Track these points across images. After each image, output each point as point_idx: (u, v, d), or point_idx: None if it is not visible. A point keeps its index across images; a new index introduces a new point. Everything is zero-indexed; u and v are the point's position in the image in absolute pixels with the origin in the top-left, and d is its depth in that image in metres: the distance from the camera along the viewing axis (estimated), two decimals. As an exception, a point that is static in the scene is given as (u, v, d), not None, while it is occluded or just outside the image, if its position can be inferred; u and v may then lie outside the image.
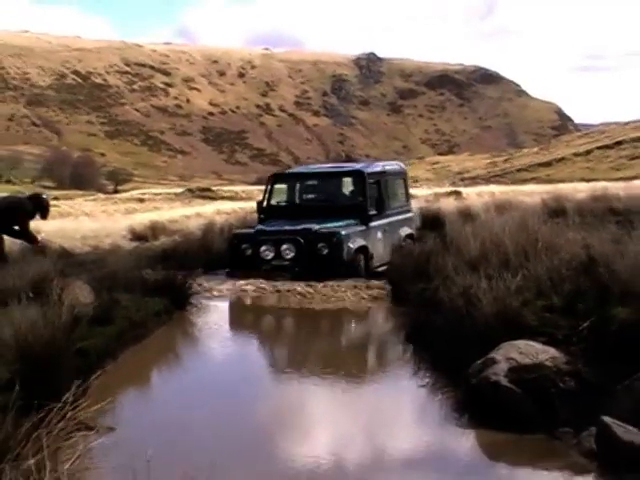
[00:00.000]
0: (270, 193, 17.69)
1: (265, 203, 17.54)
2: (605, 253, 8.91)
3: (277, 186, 18.20)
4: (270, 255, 15.38)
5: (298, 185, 18.19)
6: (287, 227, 15.87)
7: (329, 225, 15.61)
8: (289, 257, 15.26)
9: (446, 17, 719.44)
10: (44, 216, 15.50)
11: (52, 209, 19.09)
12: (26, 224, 14.85)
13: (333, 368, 8.76)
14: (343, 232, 15.36)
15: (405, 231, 18.30)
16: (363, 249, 15.71)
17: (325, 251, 15.09)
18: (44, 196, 16.05)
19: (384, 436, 6.48)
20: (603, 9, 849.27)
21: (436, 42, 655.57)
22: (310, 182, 18.67)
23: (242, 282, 14.46)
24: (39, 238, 15.62)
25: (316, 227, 15.43)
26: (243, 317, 13.04)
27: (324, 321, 12.23)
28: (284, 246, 15.27)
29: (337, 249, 15.06)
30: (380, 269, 15.79)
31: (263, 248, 15.39)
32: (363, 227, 16.07)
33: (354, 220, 16.09)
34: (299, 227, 15.51)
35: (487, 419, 6.17)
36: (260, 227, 16.46)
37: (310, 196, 18.22)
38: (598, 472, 5.19)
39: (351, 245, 15.33)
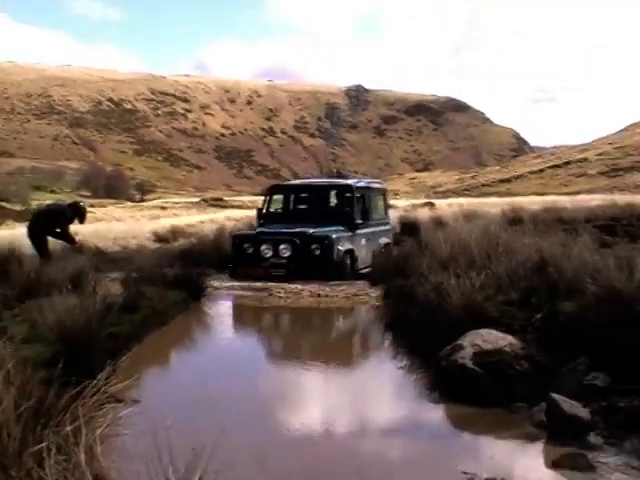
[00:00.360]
0: (269, 202, 17.56)
1: (264, 210, 17.36)
2: (554, 256, 8.92)
3: (275, 196, 17.98)
4: (269, 253, 15.10)
5: (293, 195, 18.06)
6: (284, 229, 15.65)
7: (321, 229, 15.39)
8: (286, 255, 14.99)
9: (421, 55, 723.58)
10: (82, 221, 15.46)
11: (88, 215, 19.07)
12: (66, 227, 14.82)
13: (324, 352, 8.78)
14: (334, 236, 15.17)
15: (384, 240, 18.31)
16: (350, 252, 15.54)
17: (318, 252, 14.88)
18: (82, 204, 15.97)
19: (366, 408, 6.48)
20: (551, 51, 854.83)
21: (414, 76, 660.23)
22: (305, 193, 18.38)
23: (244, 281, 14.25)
24: (77, 239, 15.62)
25: (310, 230, 15.21)
26: (246, 310, 12.93)
27: (316, 315, 12.10)
28: (282, 246, 15.01)
29: (328, 250, 14.87)
30: (363, 271, 15.65)
31: (263, 247, 15.12)
32: (350, 233, 15.89)
33: (342, 227, 15.85)
34: (295, 230, 15.34)
35: (455, 395, 6.18)
36: (260, 229, 16.31)
37: (304, 205, 17.94)
38: (547, 440, 5.21)
39: (340, 247, 15.13)
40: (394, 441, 5.54)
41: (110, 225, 34.54)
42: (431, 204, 46.01)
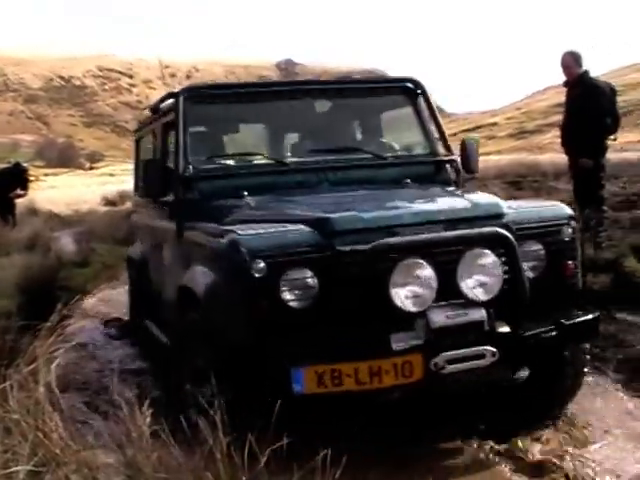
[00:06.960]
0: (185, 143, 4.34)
1: (181, 169, 4.24)
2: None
3: (196, 129, 4.63)
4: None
5: (264, 118, 5.23)
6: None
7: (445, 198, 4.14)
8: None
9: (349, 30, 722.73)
10: (25, 184, 14.59)
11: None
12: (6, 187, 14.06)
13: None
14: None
15: None
16: None
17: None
18: (24, 165, 15.17)
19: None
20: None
21: (344, 50, 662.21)
22: (286, 107, 5.04)
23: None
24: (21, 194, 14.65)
25: (436, 206, 3.82)
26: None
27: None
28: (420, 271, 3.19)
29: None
30: None
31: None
32: None
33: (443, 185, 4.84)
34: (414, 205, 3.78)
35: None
36: (248, 232, 3.25)
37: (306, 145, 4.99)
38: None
39: None
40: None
41: (63, 192, 34.00)
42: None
